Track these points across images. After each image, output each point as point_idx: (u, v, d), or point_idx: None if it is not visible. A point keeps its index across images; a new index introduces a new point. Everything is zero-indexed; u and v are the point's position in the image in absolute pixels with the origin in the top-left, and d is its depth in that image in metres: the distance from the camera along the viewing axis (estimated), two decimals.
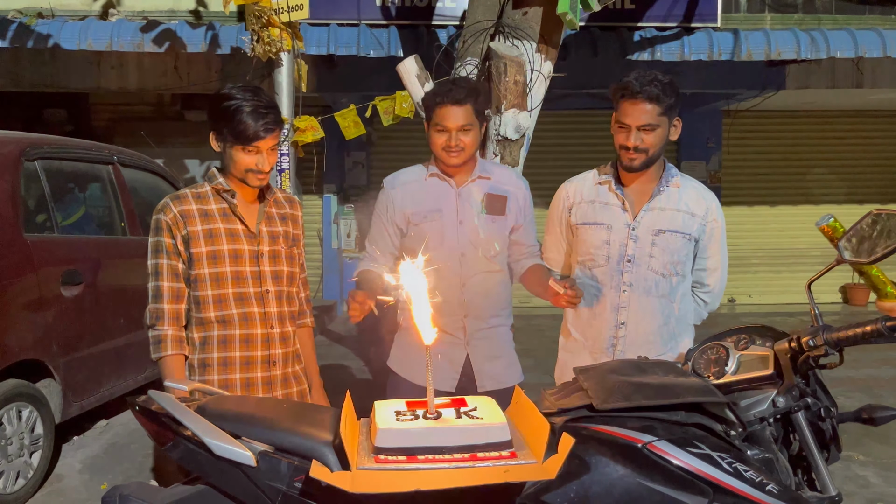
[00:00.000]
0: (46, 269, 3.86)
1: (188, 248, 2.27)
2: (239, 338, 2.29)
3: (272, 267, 2.35)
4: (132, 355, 4.57)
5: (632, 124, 2.29)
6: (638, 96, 2.27)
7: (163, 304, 2.27)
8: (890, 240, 1.79)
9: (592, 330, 2.48)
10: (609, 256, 2.41)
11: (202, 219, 2.28)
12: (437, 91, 2.52)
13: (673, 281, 2.40)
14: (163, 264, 2.27)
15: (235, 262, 2.29)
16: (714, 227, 2.44)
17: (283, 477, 1.61)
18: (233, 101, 2.18)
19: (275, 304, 2.34)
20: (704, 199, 2.44)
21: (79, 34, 6.89)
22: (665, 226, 2.38)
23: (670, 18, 7.96)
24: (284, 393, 2.38)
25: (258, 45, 4.64)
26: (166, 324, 2.27)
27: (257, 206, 2.38)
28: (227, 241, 2.29)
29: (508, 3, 3.55)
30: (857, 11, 8.79)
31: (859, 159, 10.53)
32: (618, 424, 1.67)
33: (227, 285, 2.28)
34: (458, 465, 1.49)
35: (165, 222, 2.27)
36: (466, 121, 2.47)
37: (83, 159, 4.52)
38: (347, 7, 7.75)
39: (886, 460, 4.20)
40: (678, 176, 2.45)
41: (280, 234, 2.38)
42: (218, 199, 2.32)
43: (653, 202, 2.39)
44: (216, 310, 2.28)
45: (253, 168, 2.24)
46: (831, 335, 1.77)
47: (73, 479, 3.96)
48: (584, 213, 2.48)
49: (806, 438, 1.82)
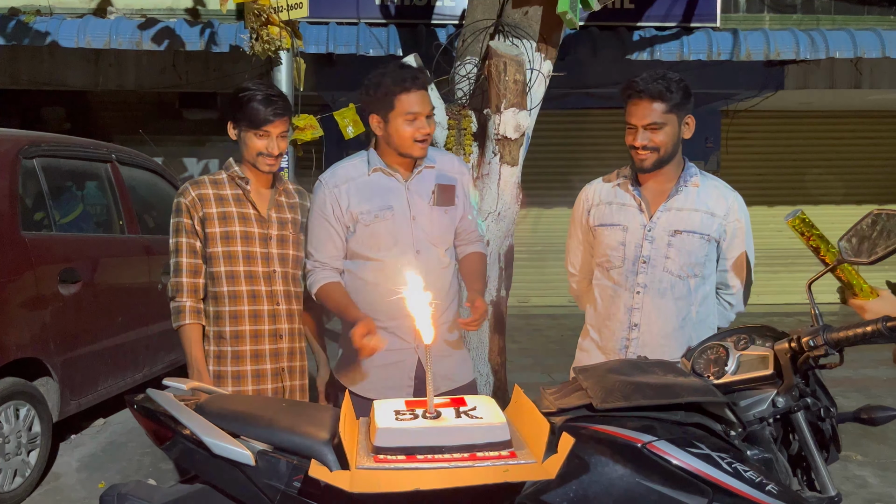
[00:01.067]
0: (44, 267, 3.85)
1: (204, 228, 2.49)
2: (248, 313, 2.50)
3: (279, 250, 2.54)
4: (130, 353, 4.56)
5: (637, 124, 2.27)
6: (641, 95, 2.25)
7: (182, 279, 2.50)
8: (890, 240, 1.79)
9: (607, 331, 2.44)
10: (625, 258, 2.37)
11: (217, 202, 2.51)
12: (401, 76, 2.33)
13: (691, 283, 2.34)
14: (182, 242, 2.51)
15: (246, 242, 2.51)
16: (737, 227, 2.37)
17: (282, 476, 1.61)
18: (247, 91, 2.45)
19: (281, 284, 2.53)
20: (726, 199, 2.37)
21: (77, 32, 6.87)
22: (682, 226, 2.32)
23: (669, 18, 7.95)
24: (290, 365, 2.57)
25: (257, 43, 4.63)
26: (185, 296, 2.50)
27: (269, 193, 2.59)
28: (239, 223, 2.51)
29: (508, 2, 3.54)
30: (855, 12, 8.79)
31: (858, 159, 10.53)
32: (617, 424, 1.67)
33: (238, 263, 2.49)
34: (458, 464, 1.49)
35: (185, 204, 2.50)
36: (431, 107, 2.39)
37: (81, 157, 4.51)
38: (347, 6, 7.74)
39: (884, 460, 4.21)
40: (698, 175, 2.38)
41: (289, 221, 2.59)
42: (233, 186, 2.55)
43: (670, 202, 2.34)
44: (228, 285, 2.49)
45: (264, 151, 2.47)
46: (831, 335, 1.76)
47: (71, 477, 3.96)
48: (601, 215, 2.44)
49: (805, 438, 1.82)
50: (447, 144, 3.51)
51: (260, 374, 2.51)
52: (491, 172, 3.37)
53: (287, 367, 2.56)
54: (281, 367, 2.54)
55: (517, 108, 3.29)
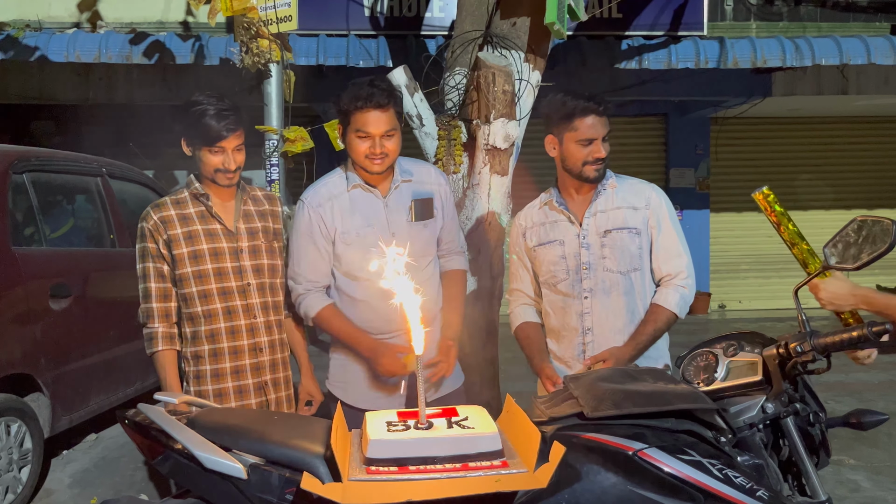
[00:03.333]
0: (35, 282, 3.83)
1: (171, 251, 2.45)
2: (225, 330, 2.46)
3: (252, 261, 2.51)
4: (122, 368, 4.53)
5: (596, 136, 2.37)
6: (600, 112, 2.36)
7: (152, 304, 2.47)
8: (875, 246, 1.81)
9: (564, 341, 2.51)
10: (568, 269, 2.46)
11: (181, 222, 2.47)
12: (357, 94, 2.31)
13: (632, 277, 2.43)
14: (149, 267, 2.47)
15: (216, 259, 2.46)
16: (659, 213, 2.44)
17: (274, 489, 1.61)
18: (198, 106, 2.39)
19: (257, 296, 2.50)
20: (643, 191, 2.48)
21: (66, 46, 6.87)
22: (610, 225, 2.43)
23: (657, 27, 8.02)
24: (273, 377, 2.54)
25: (247, 56, 4.64)
26: (156, 321, 2.47)
27: (233, 205, 2.54)
28: (206, 240, 2.46)
29: (496, 13, 3.57)
30: (841, 19, 8.89)
31: (845, 165, 10.61)
32: (609, 432, 1.68)
33: (209, 281, 2.45)
34: (450, 475, 1.49)
35: (147, 229, 2.47)
36: (390, 126, 2.33)
37: (71, 171, 4.50)
38: (336, 18, 7.77)
39: (876, 464, 4.22)
40: (613, 177, 2.50)
41: (259, 230, 2.54)
42: (196, 203, 2.51)
43: (593, 207, 2.45)
44: (202, 304, 2.45)
45: (220, 167, 2.43)
46: (818, 341, 1.78)
47: (63, 493, 3.93)
48: (537, 236, 2.54)
49: (795, 444, 1.83)
50: (437, 155, 3.53)
51: (242, 390, 2.49)
52: (481, 182, 3.38)
53: (270, 379, 2.53)
54: (263, 380, 2.51)
55: (506, 118, 3.31)
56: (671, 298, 2.40)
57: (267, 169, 4.83)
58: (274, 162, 4.86)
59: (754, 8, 8.86)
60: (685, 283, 2.42)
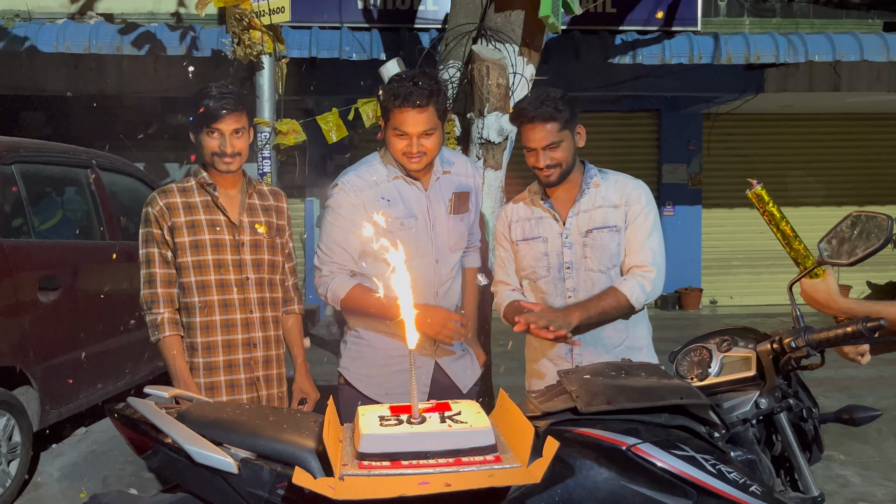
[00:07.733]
0: (23, 274, 3.80)
1: (173, 238, 2.43)
2: (220, 322, 2.45)
3: (253, 255, 2.49)
4: (111, 361, 4.51)
5: (537, 146, 2.35)
6: (535, 120, 2.33)
7: (157, 289, 2.44)
8: (869, 241, 1.80)
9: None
10: (549, 266, 2.46)
11: (185, 211, 2.45)
12: (396, 92, 2.26)
13: (612, 274, 2.43)
14: (154, 252, 2.45)
15: (217, 250, 2.45)
16: (636, 208, 2.41)
17: (266, 484, 1.59)
18: (202, 90, 2.40)
19: (255, 291, 2.48)
20: (625, 188, 2.46)
21: (56, 36, 6.81)
22: (591, 225, 2.43)
23: (651, 22, 8.02)
24: (265, 374, 2.52)
25: (239, 47, 4.61)
26: (161, 307, 2.43)
27: (239, 197, 2.52)
28: (208, 231, 2.45)
29: (490, 6, 3.55)
30: (834, 16, 8.92)
31: (838, 161, 10.66)
32: (602, 427, 1.67)
33: (208, 272, 2.44)
34: (443, 469, 1.48)
35: (153, 214, 2.45)
36: (429, 125, 2.29)
37: (61, 163, 4.46)
38: (329, 10, 7.73)
39: (866, 460, 4.25)
40: (597, 175, 2.48)
41: (262, 224, 2.52)
42: (202, 192, 2.48)
43: (577, 206, 2.45)
44: (199, 295, 2.43)
45: (217, 151, 2.40)
46: (812, 336, 1.78)
47: (52, 487, 3.91)
48: (521, 231, 2.53)
49: (788, 439, 1.83)
50: None
51: (234, 384, 2.48)
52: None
53: (263, 376, 2.51)
54: (256, 376, 2.50)
55: (500, 111, 3.30)
56: (626, 284, 2.35)
57: (259, 162, 4.80)
58: (266, 155, 4.83)
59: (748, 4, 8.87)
60: (646, 275, 2.36)
